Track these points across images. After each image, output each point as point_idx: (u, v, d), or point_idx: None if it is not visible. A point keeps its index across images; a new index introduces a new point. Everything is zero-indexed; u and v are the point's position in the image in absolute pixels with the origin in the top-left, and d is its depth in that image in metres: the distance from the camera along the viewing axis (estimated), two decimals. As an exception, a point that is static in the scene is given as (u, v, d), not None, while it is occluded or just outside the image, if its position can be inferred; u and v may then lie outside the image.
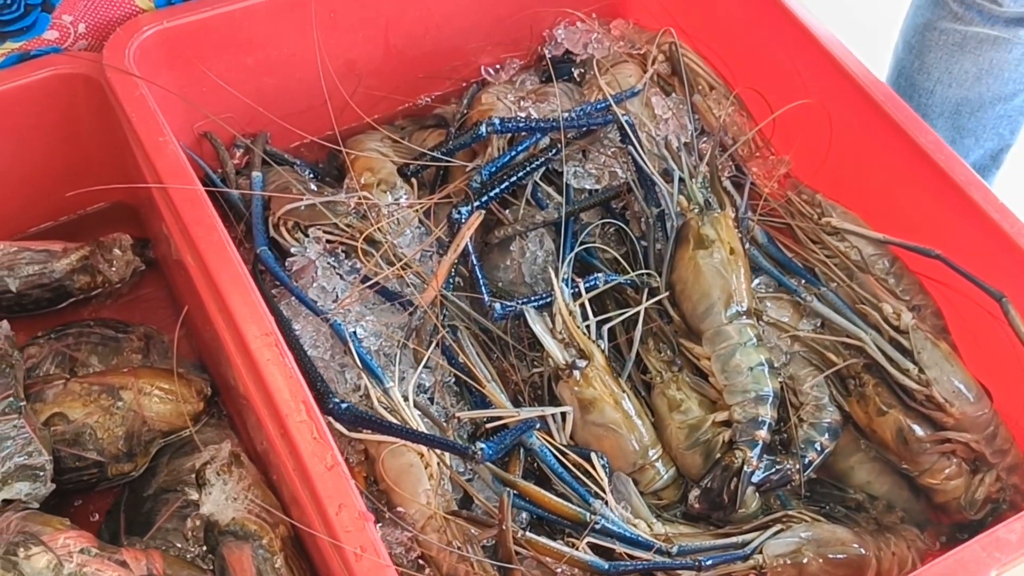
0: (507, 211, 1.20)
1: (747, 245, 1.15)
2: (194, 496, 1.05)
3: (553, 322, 1.08)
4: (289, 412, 0.89)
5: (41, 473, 0.97)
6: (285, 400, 0.90)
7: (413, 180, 1.22)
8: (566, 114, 1.21)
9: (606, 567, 0.97)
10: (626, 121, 1.19)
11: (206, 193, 1.02)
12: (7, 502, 0.96)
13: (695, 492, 1.05)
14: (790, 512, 1.06)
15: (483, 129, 1.18)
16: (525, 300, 1.09)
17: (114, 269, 1.19)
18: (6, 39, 1.10)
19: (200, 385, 1.11)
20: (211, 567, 0.97)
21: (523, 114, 1.23)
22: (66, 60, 1.12)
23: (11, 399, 1.00)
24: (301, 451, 0.88)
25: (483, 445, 0.96)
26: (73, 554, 0.92)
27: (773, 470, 1.06)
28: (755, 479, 1.05)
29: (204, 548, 1.01)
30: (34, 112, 1.13)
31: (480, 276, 1.10)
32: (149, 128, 1.04)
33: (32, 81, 1.11)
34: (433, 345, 1.09)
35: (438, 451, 1.00)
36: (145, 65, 1.10)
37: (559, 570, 0.97)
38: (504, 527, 0.95)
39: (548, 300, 1.09)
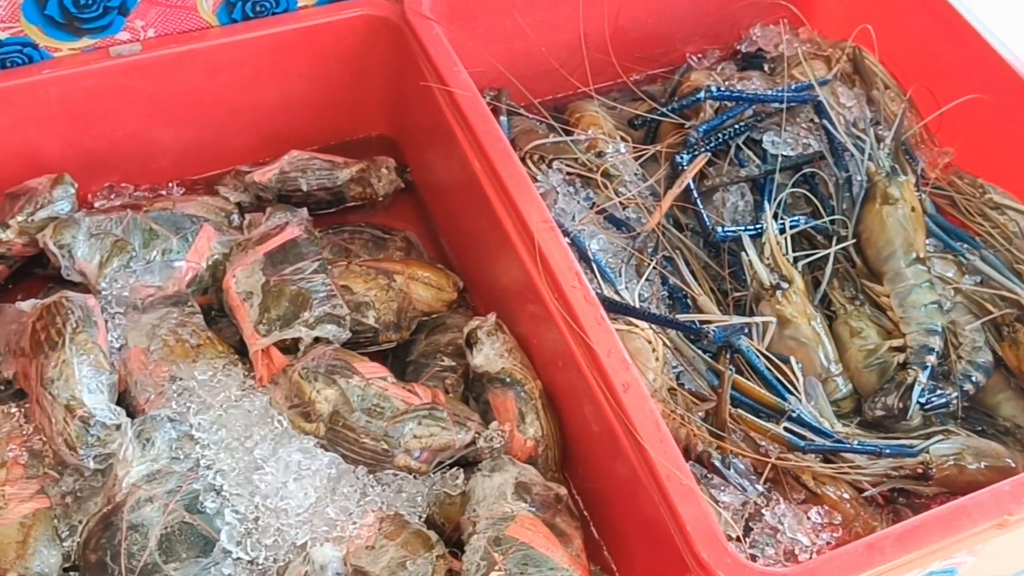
0: (711, 168, 1.42)
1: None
2: (449, 363, 1.26)
3: (762, 249, 1.28)
4: (565, 281, 1.10)
5: (342, 321, 1.19)
6: (562, 271, 1.11)
7: (638, 132, 1.45)
8: (769, 91, 1.43)
9: (801, 444, 1.16)
10: (822, 99, 1.41)
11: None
12: (317, 339, 1.18)
13: (872, 401, 1.23)
14: (949, 428, 1.24)
15: (702, 94, 1.40)
16: (742, 228, 1.30)
17: (381, 184, 1.42)
18: (324, -20, 1.35)
19: (455, 279, 1.33)
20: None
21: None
22: (371, 4, 1.36)
23: (320, 262, 1.22)
24: (576, 310, 1.08)
25: (714, 328, 1.16)
26: (376, 379, 1.14)
27: (936, 393, 1.25)
28: (921, 399, 1.23)
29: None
30: (338, 45, 1.37)
31: (701, 206, 1.31)
32: (444, 60, 1.27)
33: (342, 19, 1.35)
34: (655, 262, 1.30)
35: (663, 338, 1.20)
36: (435, 14, 1.33)
37: (761, 443, 1.17)
38: (723, 400, 1.15)
39: (759, 231, 1.30)
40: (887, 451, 1.17)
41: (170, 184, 1.40)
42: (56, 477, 1.09)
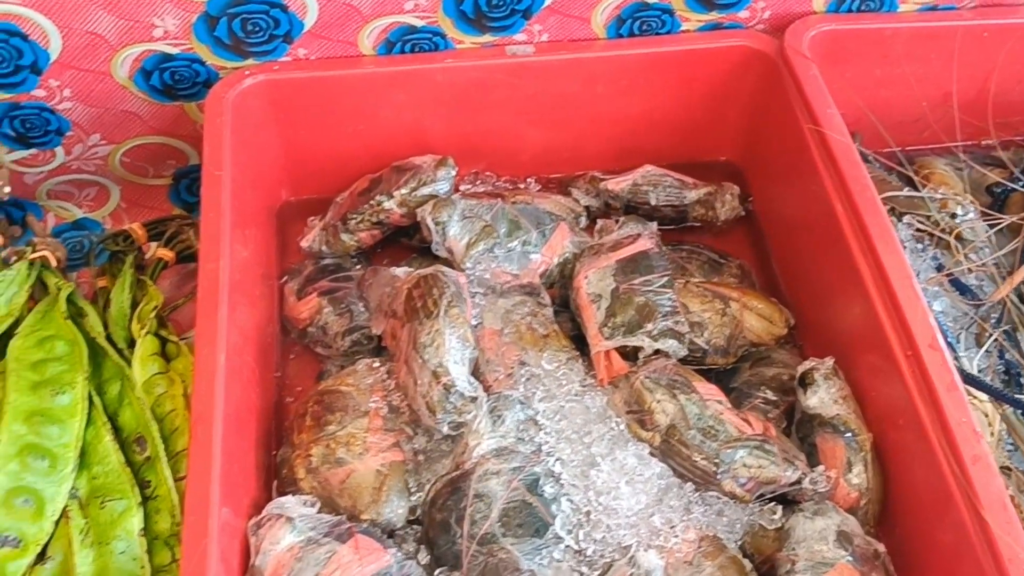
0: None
1: None
2: (772, 397, 1.27)
3: (1120, 341, 1.24)
4: (921, 339, 1.11)
5: (683, 338, 1.23)
6: (919, 329, 1.11)
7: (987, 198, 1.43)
8: None
9: None
10: None
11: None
12: (657, 352, 1.23)
13: None
14: None
15: (1072, 169, 1.37)
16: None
17: (724, 209, 1.45)
18: (712, 9, 1.39)
19: (787, 315, 1.35)
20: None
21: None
22: (751, 36, 1.39)
23: (667, 277, 1.27)
24: (929, 371, 1.09)
25: (1067, 416, 1.13)
26: (712, 401, 1.18)
27: None
28: None
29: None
30: (709, 71, 1.41)
31: (1061, 288, 1.28)
32: (820, 101, 1.29)
33: (720, 47, 1.39)
34: (996, 334, 1.27)
35: (1000, 413, 1.19)
36: (813, 54, 1.35)
37: (1093, 542, 1.13)
38: (1062, 489, 1.13)
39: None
40: None
41: (528, 179, 1.49)
42: (410, 435, 1.18)
